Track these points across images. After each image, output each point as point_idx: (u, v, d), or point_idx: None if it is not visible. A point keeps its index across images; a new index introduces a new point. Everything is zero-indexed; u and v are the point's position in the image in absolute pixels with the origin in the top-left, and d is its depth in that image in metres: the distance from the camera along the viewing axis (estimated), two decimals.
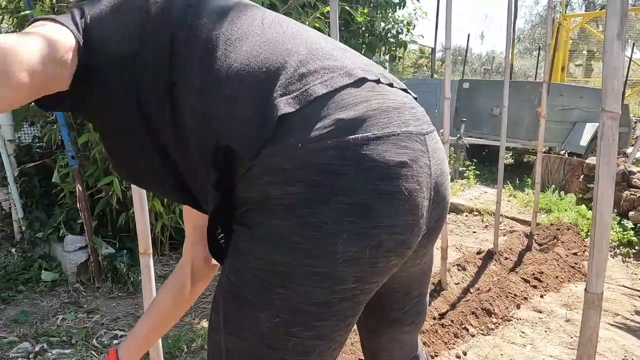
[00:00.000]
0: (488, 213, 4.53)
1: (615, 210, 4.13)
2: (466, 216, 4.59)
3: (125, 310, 2.44)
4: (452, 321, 2.37)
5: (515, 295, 2.75)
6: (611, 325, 2.54)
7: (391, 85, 0.75)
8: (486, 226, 4.29)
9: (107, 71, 0.75)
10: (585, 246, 3.65)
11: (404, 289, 0.93)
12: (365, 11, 4.30)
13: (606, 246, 0.95)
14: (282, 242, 0.65)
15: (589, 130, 6.40)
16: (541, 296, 2.84)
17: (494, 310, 2.54)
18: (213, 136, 0.68)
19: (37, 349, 2.04)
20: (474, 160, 6.39)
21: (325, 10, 2.96)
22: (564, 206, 4.64)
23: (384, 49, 4.83)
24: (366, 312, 0.92)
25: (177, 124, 0.73)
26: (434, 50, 10.21)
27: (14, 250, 2.93)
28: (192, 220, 0.98)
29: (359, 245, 0.65)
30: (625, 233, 3.82)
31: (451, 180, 3.41)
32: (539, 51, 13.50)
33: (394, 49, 4.88)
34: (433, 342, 2.20)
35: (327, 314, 0.69)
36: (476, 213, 4.64)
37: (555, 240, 3.71)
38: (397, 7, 4.82)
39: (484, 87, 7.11)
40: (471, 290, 2.81)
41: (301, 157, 0.63)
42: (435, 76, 9.47)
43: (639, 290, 3.04)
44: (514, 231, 4.02)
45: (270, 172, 0.64)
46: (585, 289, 0.98)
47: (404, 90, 0.79)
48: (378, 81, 0.72)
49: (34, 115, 3.15)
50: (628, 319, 2.64)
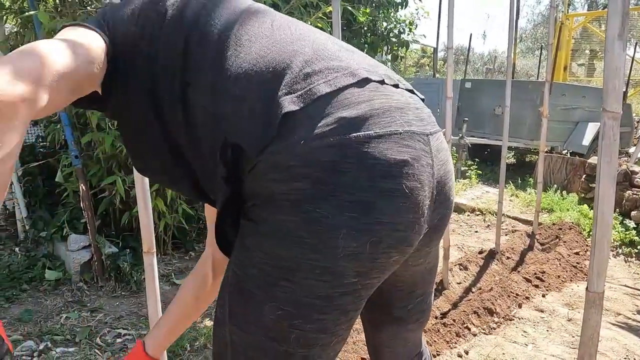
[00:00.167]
0: (490, 212, 4.53)
1: (618, 210, 4.12)
2: (468, 216, 4.59)
3: (129, 309, 2.45)
4: (454, 320, 2.37)
5: (517, 294, 2.76)
6: (613, 324, 2.54)
7: (396, 86, 0.76)
8: (488, 226, 4.29)
9: (127, 71, 0.78)
10: (587, 246, 3.65)
11: (408, 288, 0.94)
12: (368, 11, 4.30)
13: (607, 245, 0.95)
14: (288, 237, 0.67)
15: (591, 130, 6.39)
16: (543, 296, 2.84)
17: (495, 309, 2.54)
18: (222, 135, 0.70)
19: (41, 347, 2.06)
20: (476, 159, 6.39)
21: (328, 10, 2.97)
22: (566, 206, 4.64)
23: (386, 48, 4.83)
24: (371, 308, 0.93)
25: (190, 124, 0.75)
26: (436, 50, 10.19)
27: (17, 249, 2.94)
28: (212, 215, 1.02)
29: (359, 241, 0.66)
30: (627, 233, 3.82)
31: None
32: (541, 50, 13.49)
33: (396, 48, 4.88)
34: (435, 341, 2.20)
35: (329, 307, 0.70)
36: (478, 213, 4.64)
37: (557, 240, 3.71)
38: (399, 6, 4.82)
39: (486, 87, 7.10)
40: (473, 290, 2.82)
41: (305, 155, 0.64)
42: (437, 76, 9.45)
43: None
44: (515, 231, 4.02)
45: (275, 169, 0.66)
46: (587, 288, 0.98)
47: (410, 91, 0.80)
48: (382, 82, 0.73)
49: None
50: (630, 318, 2.64)
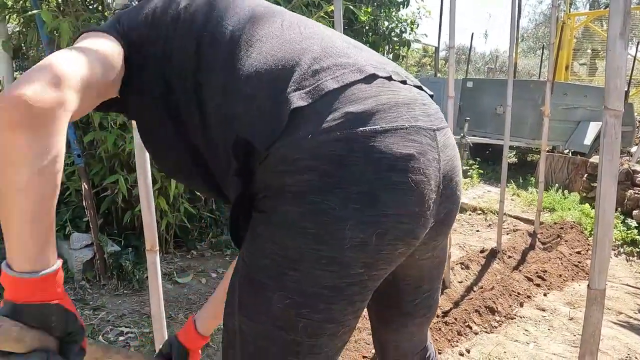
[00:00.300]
0: (491, 212, 4.53)
1: (619, 209, 4.12)
2: (470, 215, 4.59)
3: (131, 307, 2.45)
4: (456, 319, 2.38)
5: (519, 293, 2.76)
6: (614, 323, 2.54)
7: (404, 82, 0.78)
8: (489, 225, 4.29)
9: (142, 74, 0.80)
10: (588, 245, 3.65)
11: (415, 282, 0.95)
12: (369, 10, 4.30)
13: (609, 242, 0.95)
14: (293, 227, 0.68)
15: (592, 129, 6.38)
16: (544, 294, 2.84)
17: (497, 308, 2.55)
18: (234, 134, 0.72)
19: None
20: (478, 159, 6.38)
21: (330, 10, 2.97)
22: (567, 205, 4.64)
23: (387, 47, 4.84)
24: (379, 301, 0.96)
25: (205, 126, 0.77)
26: (437, 49, 10.18)
27: None
28: None
29: (365, 232, 0.67)
30: (629, 232, 3.81)
31: None
32: (542, 50, 13.46)
33: (398, 48, 4.89)
34: (437, 339, 2.21)
35: (336, 297, 0.71)
36: (480, 212, 4.64)
37: (559, 239, 3.71)
38: (401, 6, 4.83)
39: (487, 86, 7.09)
40: (474, 289, 2.82)
41: (312, 148, 0.66)
42: (438, 75, 9.44)
43: None
44: (517, 230, 4.02)
45: (283, 162, 0.68)
46: (588, 285, 0.98)
47: (418, 87, 0.81)
48: (390, 78, 0.75)
49: None
50: (631, 317, 2.64)
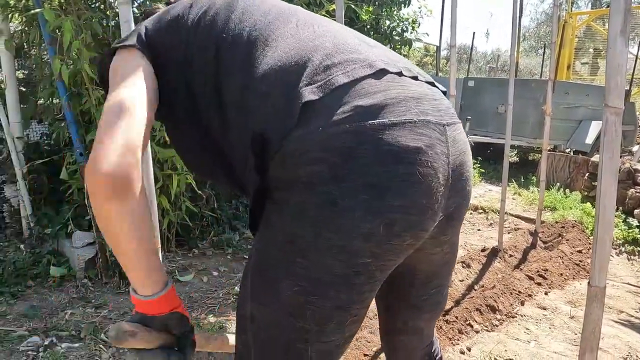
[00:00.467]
0: (493, 211, 4.53)
1: (621, 208, 4.12)
2: (471, 214, 4.59)
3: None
4: (457, 317, 2.38)
5: (520, 292, 2.76)
6: (615, 322, 2.55)
7: (415, 78, 0.79)
8: (491, 224, 4.29)
9: (165, 81, 0.85)
10: (589, 244, 3.65)
11: (424, 277, 0.96)
12: (371, 9, 4.30)
13: (609, 239, 0.96)
14: (304, 217, 0.70)
15: (594, 128, 6.37)
16: (545, 293, 2.84)
17: (498, 307, 2.55)
18: (250, 130, 0.74)
19: (46, 342, 2.07)
20: (479, 158, 6.38)
21: (331, 9, 2.98)
22: (568, 204, 4.64)
23: (389, 47, 4.83)
24: (387, 296, 0.98)
25: (225, 128, 0.80)
26: (438, 49, 10.20)
27: (22, 246, 2.95)
28: None
29: (373, 223, 0.69)
30: (630, 231, 3.81)
31: None
32: (544, 49, 13.46)
33: (399, 47, 4.89)
34: (438, 338, 2.20)
35: (344, 285, 0.73)
36: (481, 211, 4.64)
37: (560, 238, 3.71)
38: (402, 5, 4.83)
39: (489, 85, 7.09)
40: (475, 287, 2.82)
41: (322, 141, 0.68)
42: (440, 74, 9.45)
43: None
44: (518, 229, 4.02)
45: (295, 154, 0.70)
46: (589, 283, 0.99)
47: (430, 83, 0.83)
48: (400, 74, 0.76)
49: (42, 112, 3.18)
50: (632, 316, 2.65)
